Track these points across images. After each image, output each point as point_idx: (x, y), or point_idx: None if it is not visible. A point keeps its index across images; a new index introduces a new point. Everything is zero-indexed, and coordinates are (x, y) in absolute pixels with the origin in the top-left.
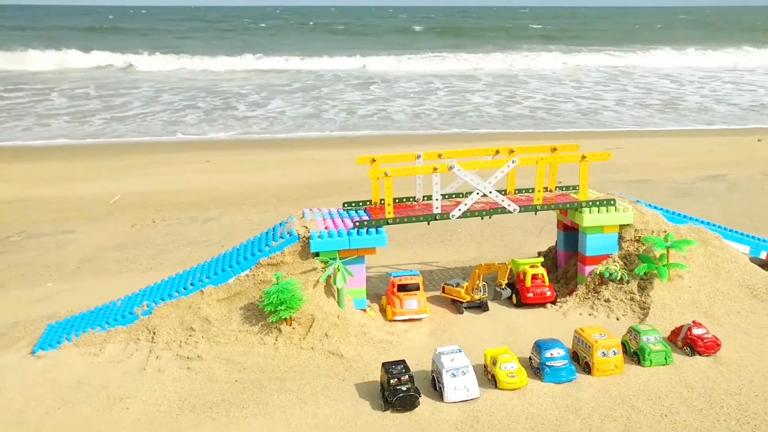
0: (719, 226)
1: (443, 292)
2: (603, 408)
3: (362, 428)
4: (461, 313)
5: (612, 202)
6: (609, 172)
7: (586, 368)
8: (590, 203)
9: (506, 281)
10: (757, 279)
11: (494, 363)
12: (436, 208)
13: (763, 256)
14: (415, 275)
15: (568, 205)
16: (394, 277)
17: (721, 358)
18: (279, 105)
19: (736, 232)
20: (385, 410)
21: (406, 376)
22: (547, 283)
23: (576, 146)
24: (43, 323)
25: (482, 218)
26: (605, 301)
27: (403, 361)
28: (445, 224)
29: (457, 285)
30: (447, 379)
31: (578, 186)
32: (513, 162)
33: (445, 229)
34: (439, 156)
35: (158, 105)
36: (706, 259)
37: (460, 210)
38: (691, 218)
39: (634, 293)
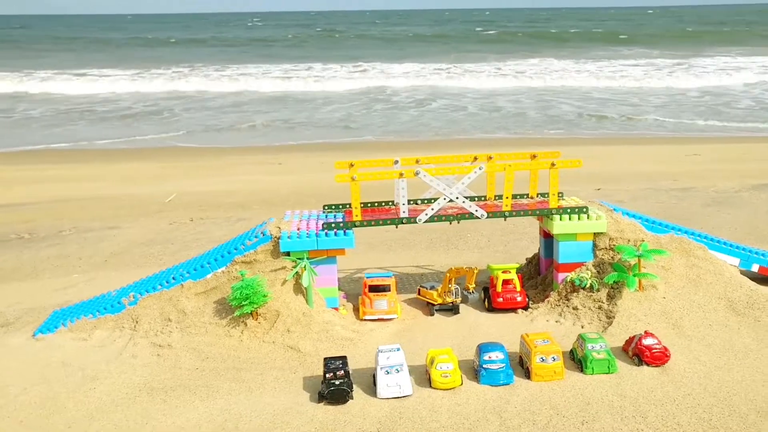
0: (706, 237)
1: (419, 294)
2: (527, 412)
3: (293, 417)
4: (432, 315)
5: (584, 210)
6: (655, 180)
7: (527, 373)
8: (561, 211)
9: (473, 285)
10: (740, 292)
11: (432, 363)
12: (403, 212)
13: (755, 268)
14: (388, 277)
15: (537, 212)
16: (368, 278)
17: (669, 369)
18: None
19: (725, 243)
20: (319, 402)
21: (342, 372)
22: (518, 288)
23: (557, 153)
24: (54, 310)
25: (450, 223)
26: (573, 308)
27: (343, 357)
28: (455, 230)
29: (432, 288)
30: (381, 376)
31: (566, 194)
32: (480, 168)
33: (455, 234)
34: (417, 161)
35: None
36: (687, 269)
37: (426, 214)
38: (674, 227)
39: (602, 302)
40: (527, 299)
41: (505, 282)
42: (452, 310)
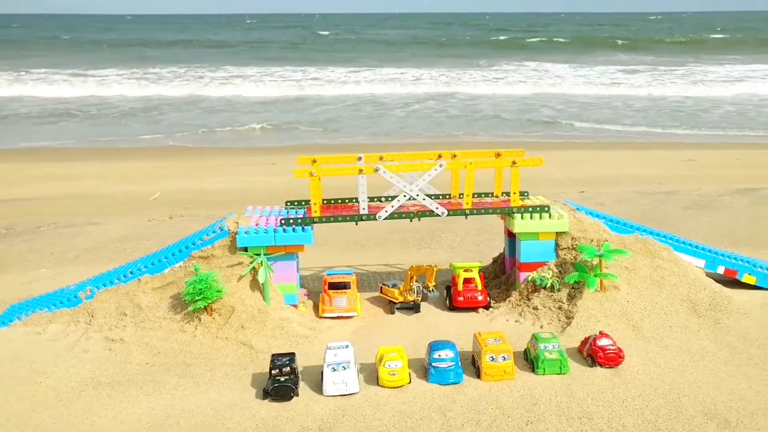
0: (672, 238)
1: (381, 292)
2: (473, 412)
3: (235, 413)
4: (393, 313)
5: (546, 209)
6: (642, 183)
7: (478, 372)
8: (522, 209)
9: (434, 283)
10: (703, 294)
11: (380, 361)
12: (363, 209)
13: (720, 270)
14: (348, 274)
15: (498, 211)
16: (328, 275)
17: (622, 370)
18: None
19: (691, 244)
20: (264, 399)
21: (288, 368)
22: (479, 287)
23: (521, 152)
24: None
25: (411, 220)
26: (534, 308)
27: (291, 354)
28: (429, 229)
29: (394, 286)
30: (327, 374)
31: (524, 193)
32: (440, 166)
33: (429, 233)
34: (380, 158)
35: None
36: (651, 271)
37: (387, 211)
38: (639, 228)
39: (562, 302)
40: (488, 298)
41: (467, 281)
42: (413, 308)
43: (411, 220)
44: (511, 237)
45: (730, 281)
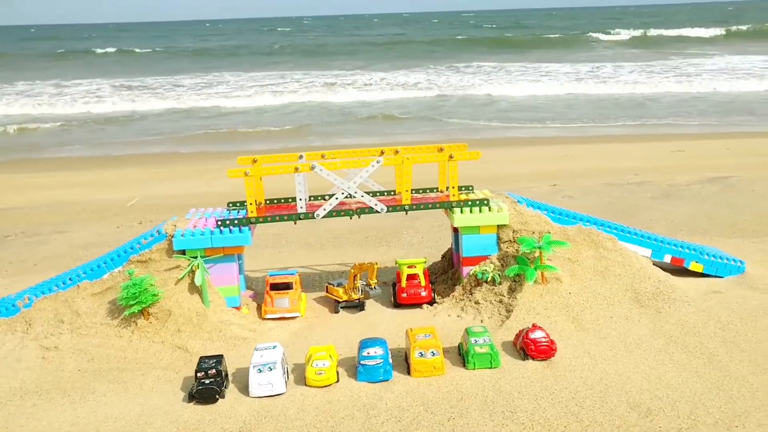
0: (618, 227)
1: (327, 291)
2: (397, 409)
3: (158, 417)
4: (337, 312)
5: (485, 202)
6: (618, 175)
7: (409, 369)
8: (461, 203)
9: (375, 280)
10: (647, 284)
11: (309, 360)
12: (301, 207)
13: (667, 259)
14: (291, 275)
15: (437, 205)
16: (270, 276)
17: (554, 362)
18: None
19: (637, 233)
20: (189, 402)
21: (214, 371)
22: (423, 283)
23: (464, 146)
24: None
25: (350, 218)
26: (475, 302)
27: (219, 356)
28: (391, 227)
29: (339, 285)
30: (252, 375)
31: (469, 187)
32: (377, 162)
33: (391, 231)
34: (322, 156)
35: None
36: (595, 261)
37: (325, 209)
38: (583, 218)
39: (503, 295)
40: (433, 294)
41: (410, 277)
42: (358, 306)
43: (351, 218)
44: (456, 232)
45: (680, 270)
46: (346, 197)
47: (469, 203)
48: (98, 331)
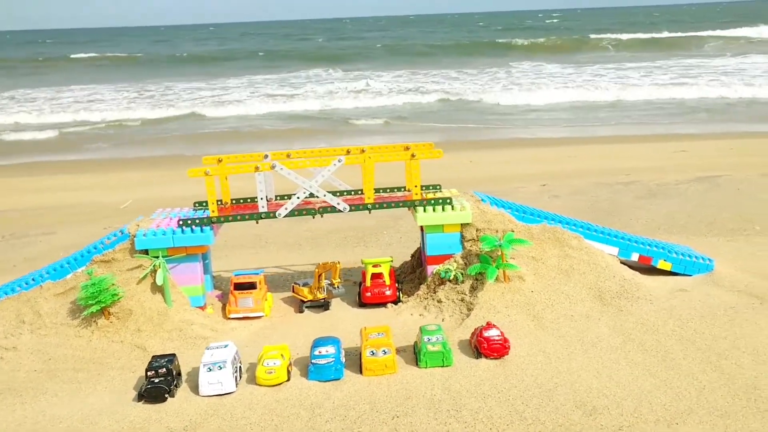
0: (584, 225)
1: (293, 291)
2: (343, 408)
3: (105, 417)
4: (302, 311)
5: (448, 200)
6: (610, 175)
7: (360, 367)
8: (423, 202)
9: (339, 279)
10: (612, 282)
11: (260, 359)
12: (262, 207)
13: (634, 257)
14: (256, 274)
15: (400, 204)
16: (234, 275)
17: (507, 361)
18: None
19: (603, 231)
20: (138, 401)
21: (164, 369)
22: (387, 282)
23: (429, 145)
24: None
25: (313, 216)
26: (438, 301)
27: (171, 355)
28: (372, 227)
29: (305, 284)
30: (202, 374)
31: (437, 186)
32: (339, 161)
33: (371, 231)
34: (288, 156)
35: None
36: (559, 260)
37: (286, 209)
38: (548, 216)
39: (465, 294)
40: (398, 293)
41: (375, 276)
42: (323, 306)
43: (314, 217)
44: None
45: (651, 269)
46: (309, 196)
47: (432, 202)
48: (58, 332)
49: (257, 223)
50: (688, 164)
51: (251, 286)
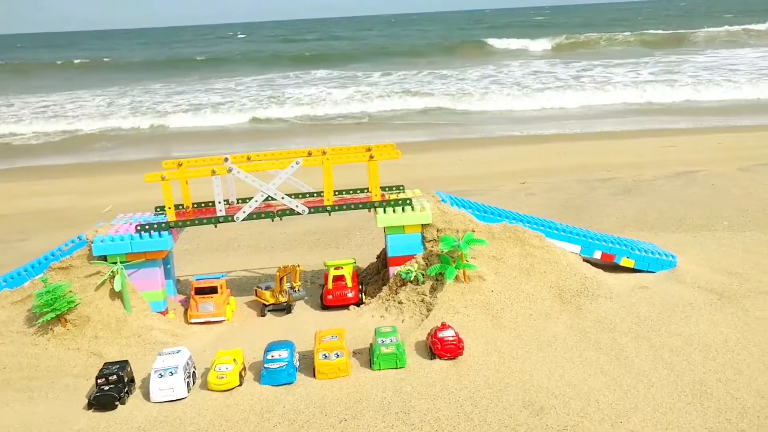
0: (546, 224)
1: (256, 295)
2: (292, 412)
3: (54, 426)
4: (264, 315)
5: (407, 201)
6: (590, 172)
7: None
8: (383, 203)
9: (299, 282)
10: (573, 281)
11: (213, 364)
12: (220, 210)
13: (597, 255)
14: (217, 278)
15: (360, 206)
16: (195, 280)
17: (461, 361)
18: None
19: (565, 230)
20: (88, 409)
21: (115, 377)
22: (350, 285)
23: (392, 146)
24: None
25: (272, 220)
26: (399, 302)
27: (124, 362)
28: (344, 228)
29: (267, 288)
30: (153, 380)
31: (399, 186)
32: (297, 163)
33: (343, 232)
34: (248, 158)
35: None
36: (520, 259)
37: (245, 212)
38: (509, 215)
39: (425, 294)
40: (361, 295)
41: (337, 278)
42: (285, 309)
43: (273, 220)
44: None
45: (616, 267)
46: (267, 199)
47: (391, 203)
48: (14, 340)
49: (215, 227)
50: (671, 159)
51: (212, 290)
